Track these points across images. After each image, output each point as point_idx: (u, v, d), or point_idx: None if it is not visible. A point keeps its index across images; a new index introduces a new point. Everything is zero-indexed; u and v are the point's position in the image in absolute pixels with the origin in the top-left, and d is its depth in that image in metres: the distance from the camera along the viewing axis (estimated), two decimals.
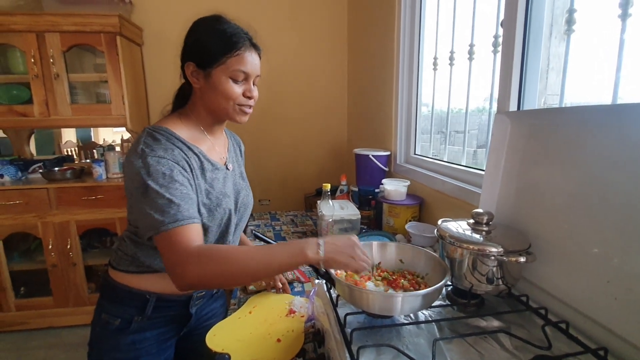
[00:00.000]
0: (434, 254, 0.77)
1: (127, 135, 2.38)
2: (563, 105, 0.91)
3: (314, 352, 0.78)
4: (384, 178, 1.61)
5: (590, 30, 0.85)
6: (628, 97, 0.74)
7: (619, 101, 0.74)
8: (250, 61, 0.80)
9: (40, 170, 2.20)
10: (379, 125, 2.01)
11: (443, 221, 0.80)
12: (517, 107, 0.99)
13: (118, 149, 2.42)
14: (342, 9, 2.59)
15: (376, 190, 1.58)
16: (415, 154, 1.69)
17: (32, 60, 1.94)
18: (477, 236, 0.71)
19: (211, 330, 0.85)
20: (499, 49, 1.05)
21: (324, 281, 0.77)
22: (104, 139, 2.77)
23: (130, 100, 2.10)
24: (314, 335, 0.77)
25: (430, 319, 0.69)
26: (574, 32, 0.86)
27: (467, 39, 1.24)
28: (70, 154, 2.66)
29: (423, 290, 0.63)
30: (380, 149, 1.82)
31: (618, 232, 0.59)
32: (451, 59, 1.37)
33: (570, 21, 0.86)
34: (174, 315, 0.89)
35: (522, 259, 0.64)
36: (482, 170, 1.11)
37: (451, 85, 1.40)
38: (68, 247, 2.10)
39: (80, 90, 2.18)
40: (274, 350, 0.78)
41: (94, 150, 2.64)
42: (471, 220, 0.75)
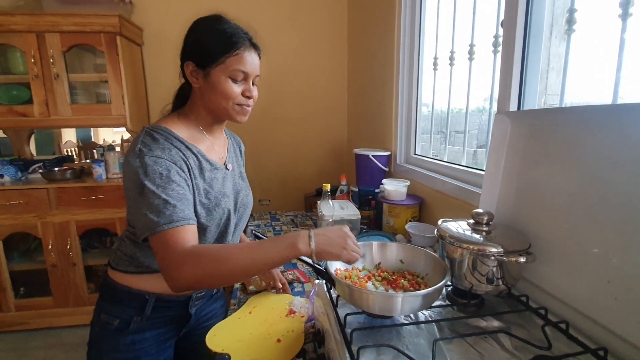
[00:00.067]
0: (434, 254, 0.77)
1: (127, 136, 2.38)
2: (563, 105, 0.91)
3: (314, 352, 0.77)
4: (384, 178, 1.61)
5: (590, 30, 0.85)
6: (628, 97, 0.74)
7: (619, 101, 0.74)
8: (249, 61, 0.80)
9: (40, 171, 2.20)
10: (379, 125, 2.01)
11: (443, 221, 0.80)
12: (517, 107, 0.99)
13: (118, 149, 2.42)
14: (342, 9, 2.59)
15: (376, 191, 1.58)
16: (415, 154, 1.69)
17: (32, 61, 1.94)
18: (477, 236, 0.71)
19: (211, 331, 0.85)
20: (499, 49, 1.05)
21: (324, 281, 0.77)
22: (104, 139, 2.77)
23: (130, 100, 2.10)
24: (314, 335, 0.77)
25: (430, 319, 0.69)
26: (575, 32, 0.86)
27: (467, 39, 1.24)
28: (70, 154, 2.66)
29: (423, 291, 0.63)
30: (380, 149, 1.82)
31: (618, 232, 0.58)
32: (451, 59, 1.37)
33: (570, 21, 0.86)
34: (173, 316, 0.89)
35: (522, 259, 0.64)
36: (482, 170, 1.11)
37: (451, 85, 1.40)
38: (68, 247, 2.10)
39: (80, 90, 2.18)
40: (274, 350, 0.78)
41: (94, 151, 2.64)
42: (471, 221, 0.75)
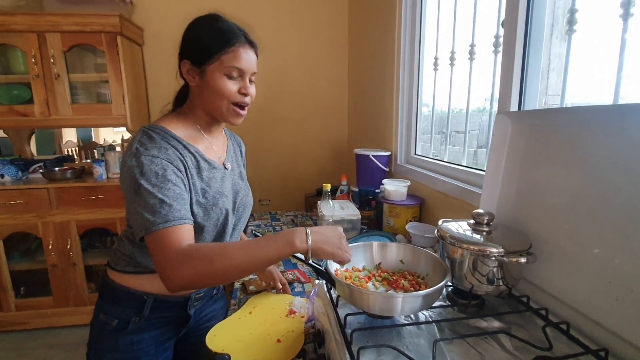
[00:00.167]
0: (435, 254, 0.77)
1: (127, 135, 2.38)
2: (564, 105, 0.91)
3: (314, 352, 0.77)
4: (384, 178, 1.61)
5: (591, 30, 0.85)
6: (629, 97, 0.74)
7: (620, 101, 0.74)
8: (245, 58, 0.79)
9: (40, 170, 2.20)
10: (379, 126, 2.01)
11: (443, 221, 0.79)
12: (518, 107, 0.99)
13: (118, 149, 2.42)
14: (343, 9, 2.59)
15: (376, 191, 1.58)
16: (415, 154, 1.69)
17: (33, 60, 1.94)
18: (477, 237, 0.71)
19: (211, 331, 0.84)
20: (500, 49, 1.05)
21: (324, 282, 0.77)
22: (104, 139, 2.77)
23: (130, 100, 2.11)
24: (314, 335, 0.77)
25: (430, 320, 0.69)
26: (575, 32, 0.86)
27: (467, 39, 1.24)
28: (70, 153, 2.66)
29: (423, 291, 0.62)
30: (380, 149, 1.82)
31: (619, 233, 0.58)
32: (452, 59, 1.37)
33: (571, 21, 0.85)
34: (172, 317, 0.89)
35: (522, 260, 0.64)
36: (483, 170, 1.11)
37: (452, 86, 1.40)
38: (68, 247, 2.11)
39: (81, 90, 2.18)
40: (274, 350, 0.78)
41: (95, 150, 2.64)
42: (472, 221, 0.75)
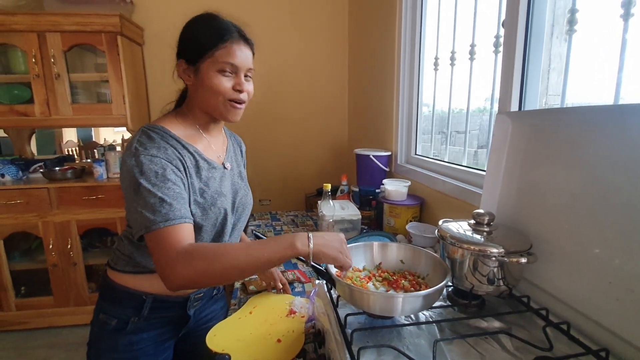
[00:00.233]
0: (435, 254, 0.77)
1: (127, 135, 2.38)
2: (564, 105, 0.91)
3: (314, 352, 0.77)
4: (384, 178, 1.60)
5: (592, 30, 0.85)
6: (630, 97, 0.74)
7: (620, 101, 0.74)
8: (238, 54, 0.78)
9: (41, 170, 2.20)
10: (379, 126, 2.01)
11: (444, 222, 0.79)
12: (519, 107, 0.99)
13: (119, 148, 2.42)
14: (343, 8, 2.59)
15: (377, 191, 1.58)
16: (416, 154, 1.69)
17: (33, 60, 1.94)
18: (478, 237, 0.71)
19: (211, 331, 0.84)
20: (500, 49, 1.05)
21: (324, 281, 0.77)
22: (104, 139, 2.77)
23: (131, 100, 2.11)
24: (315, 335, 0.77)
25: (431, 320, 0.69)
26: (576, 32, 0.86)
27: (468, 39, 1.24)
28: (71, 153, 2.66)
29: (424, 291, 0.62)
30: (381, 149, 1.82)
31: (619, 233, 0.58)
32: (452, 59, 1.37)
33: (572, 21, 0.85)
34: (172, 317, 0.89)
35: (523, 260, 0.64)
36: (483, 170, 1.11)
37: (452, 86, 1.40)
38: (69, 246, 2.11)
39: (81, 90, 2.18)
40: (275, 350, 0.78)
41: (95, 150, 2.64)
42: (472, 221, 0.75)
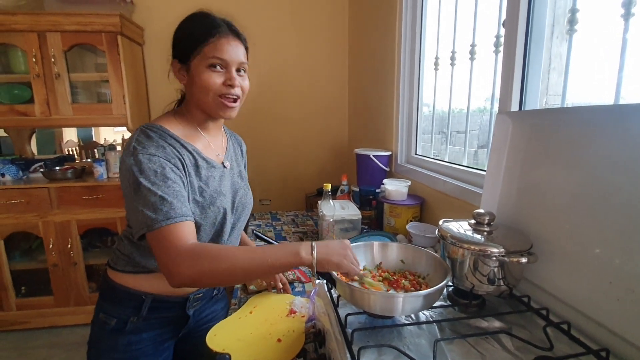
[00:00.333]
0: (435, 254, 0.77)
1: (128, 135, 2.38)
2: (565, 105, 0.90)
3: (314, 352, 0.77)
4: (384, 178, 1.60)
5: (592, 30, 0.85)
6: (630, 97, 0.74)
7: (621, 101, 0.74)
8: (227, 48, 0.77)
9: (41, 170, 2.20)
10: (380, 125, 2.01)
11: (444, 221, 0.79)
12: (519, 107, 0.99)
13: (119, 148, 2.42)
14: (343, 8, 2.59)
15: (377, 190, 1.58)
16: (416, 154, 1.69)
17: (34, 60, 1.94)
18: (478, 237, 0.71)
19: (212, 330, 0.84)
20: (501, 49, 1.05)
21: (325, 281, 0.77)
22: (104, 139, 2.77)
23: (131, 100, 2.11)
24: (315, 335, 0.76)
25: (431, 320, 0.69)
26: (576, 32, 0.86)
27: (468, 39, 1.24)
28: (71, 153, 2.66)
29: (424, 291, 0.63)
30: (381, 149, 1.82)
31: (620, 233, 0.58)
32: (452, 59, 1.37)
33: (572, 21, 0.85)
34: (171, 317, 0.89)
35: (523, 260, 0.64)
36: (484, 170, 1.10)
37: (452, 86, 1.39)
38: (69, 246, 2.11)
39: (81, 89, 2.18)
40: (275, 350, 0.78)
41: (95, 150, 2.64)
42: (472, 221, 0.75)
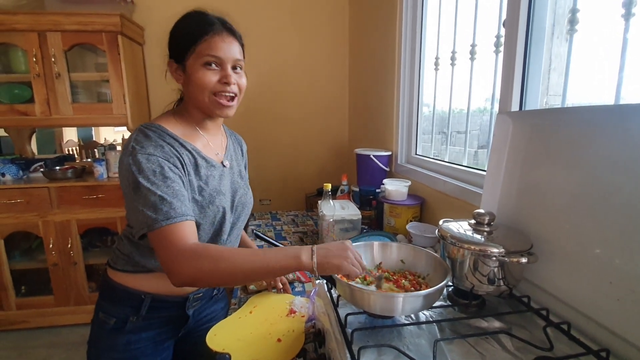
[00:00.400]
0: (435, 254, 0.77)
1: (128, 135, 2.38)
2: (565, 105, 0.90)
3: (314, 352, 0.77)
4: (385, 178, 1.60)
5: (592, 30, 0.85)
6: (631, 97, 0.73)
7: (621, 101, 0.74)
8: (221, 45, 0.77)
9: (41, 169, 2.20)
10: (380, 125, 2.01)
11: (444, 221, 0.80)
12: (519, 107, 0.99)
13: (119, 148, 2.42)
14: (344, 8, 2.59)
15: (377, 190, 1.58)
16: (416, 154, 1.69)
17: (34, 60, 1.94)
18: (478, 237, 0.71)
19: (212, 330, 0.84)
20: (501, 49, 1.05)
21: (324, 281, 0.77)
22: (105, 138, 2.77)
23: (131, 100, 2.11)
24: (315, 335, 0.77)
25: (431, 320, 0.69)
26: (577, 32, 0.86)
27: (469, 39, 1.24)
28: (71, 153, 2.66)
29: (424, 291, 0.62)
30: (381, 149, 1.82)
31: (620, 233, 0.58)
32: (453, 59, 1.37)
33: (572, 21, 0.85)
34: (171, 317, 0.89)
35: (523, 260, 0.64)
36: (484, 170, 1.10)
37: (453, 86, 1.39)
38: (69, 246, 2.11)
39: (82, 89, 2.18)
40: (275, 350, 0.78)
41: (95, 150, 2.64)
42: (472, 221, 0.75)
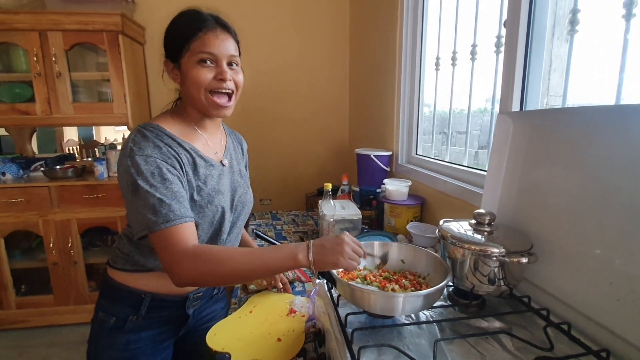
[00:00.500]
0: (436, 254, 0.77)
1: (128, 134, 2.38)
2: (566, 106, 0.90)
3: (314, 351, 0.77)
4: (385, 178, 1.60)
5: (593, 31, 0.85)
6: (631, 97, 0.73)
7: (621, 102, 0.74)
8: (216, 42, 0.76)
9: (41, 169, 2.20)
10: (380, 125, 2.01)
11: (445, 221, 0.80)
12: (520, 107, 0.99)
13: (119, 147, 2.42)
14: (344, 8, 2.59)
15: (377, 190, 1.58)
16: (416, 154, 1.69)
17: (35, 59, 1.94)
18: (478, 237, 0.71)
19: (212, 329, 0.84)
20: (502, 49, 1.05)
21: (325, 281, 0.77)
22: (105, 138, 2.77)
23: (132, 99, 2.11)
24: (315, 335, 0.77)
25: (431, 320, 0.69)
26: (577, 33, 0.86)
27: (469, 39, 1.24)
28: (71, 152, 2.66)
29: (424, 291, 0.63)
30: (381, 149, 1.82)
31: (620, 233, 0.58)
32: (453, 59, 1.37)
33: (573, 22, 0.85)
34: (170, 316, 0.89)
35: (524, 260, 0.64)
36: (484, 170, 1.10)
37: (453, 86, 1.39)
38: (69, 245, 2.11)
39: (82, 88, 2.18)
40: (275, 349, 0.78)
41: (96, 149, 2.64)
42: (473, 221, 0.75)
